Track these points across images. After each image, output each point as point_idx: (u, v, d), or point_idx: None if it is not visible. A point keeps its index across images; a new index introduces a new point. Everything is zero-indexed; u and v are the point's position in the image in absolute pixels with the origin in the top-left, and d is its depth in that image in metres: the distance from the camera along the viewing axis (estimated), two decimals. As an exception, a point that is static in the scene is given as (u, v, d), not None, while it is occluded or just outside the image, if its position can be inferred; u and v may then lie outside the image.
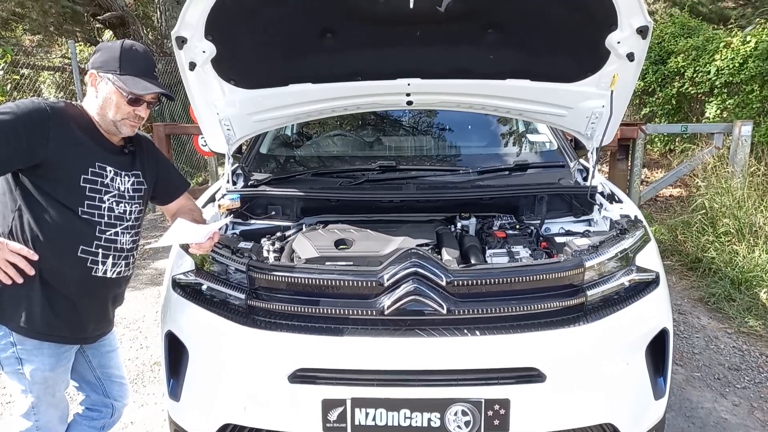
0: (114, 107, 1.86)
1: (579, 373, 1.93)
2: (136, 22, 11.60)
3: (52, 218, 1.79)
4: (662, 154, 8.83)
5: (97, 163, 1.86)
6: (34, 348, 1.84)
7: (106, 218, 1.89)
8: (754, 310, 4.05)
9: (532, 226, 2.61)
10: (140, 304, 4.49)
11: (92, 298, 1.95)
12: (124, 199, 1.95)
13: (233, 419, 2.01)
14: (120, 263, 1.97)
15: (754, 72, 6.55)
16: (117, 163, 1.94)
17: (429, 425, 1.88)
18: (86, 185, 1.83)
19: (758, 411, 2.96)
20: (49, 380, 1.90)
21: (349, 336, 1.94)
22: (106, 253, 1.90)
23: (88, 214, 1.84)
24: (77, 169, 1.82)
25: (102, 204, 1.87)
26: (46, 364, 1.87)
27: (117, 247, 1.93)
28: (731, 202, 5.13)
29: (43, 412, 1.92)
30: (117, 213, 1.92)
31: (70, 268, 1.85)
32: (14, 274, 1.75)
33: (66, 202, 1.80)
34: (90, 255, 1.87)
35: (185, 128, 7.76)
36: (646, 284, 2.13)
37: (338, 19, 2.29)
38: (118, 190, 1.92)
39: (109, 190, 1.89)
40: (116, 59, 1.84)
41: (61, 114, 1.81)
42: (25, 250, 1.76)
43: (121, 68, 1.84)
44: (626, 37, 2.19)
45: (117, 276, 1.97)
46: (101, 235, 1.88)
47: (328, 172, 3.06)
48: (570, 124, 2.76)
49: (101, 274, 1.91)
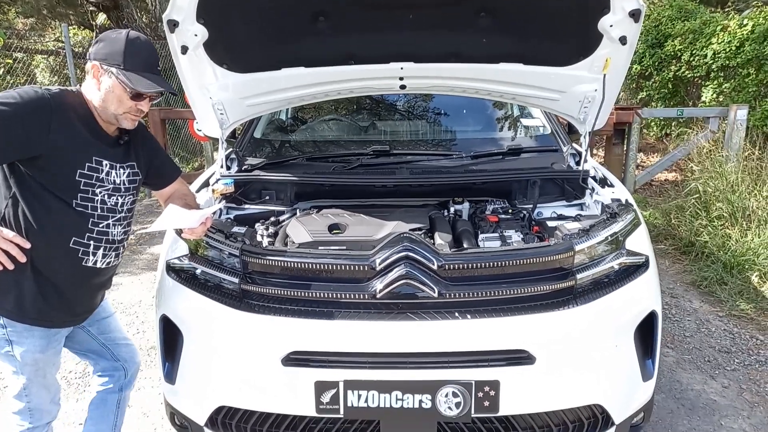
0: (116, 101, 1.83)
1: (568, 355, 1.96)
2: (130, 4, 11.49)
3: (46, 208, 1.79)
4: (658, 139, 8.84)
5: (94, 158, 1.86)
6: (25, 330, 1.86)
7: (99, 210, 1.89)
8: (745, 293, 4.08)
9: (524, 211, 2.63)
10: (136, 289, 4.51)
11: (82, 286, 1.97)
12: (118, 192, 1.95)
13: (228, 402, 2.04)
14: (110, 254, 1.98)
15: (750, 56, 6.54)
16: (113, 155, 1.93)
17: (420, 407, 1.91)
18: (81, 179, 1.83)
19: (747, 393, 3.00)
20: (40, 362, 1.92)
21: (342, 319, 1.97)
22: (97, 245, 1.91)
23: (82, 206, 1.84)
24: (74, 163, 1.81)
25: (95, 197, 1.87)
26: (37, 345, 1.89)
27: (108, 239, 1.94)
28: (725, 186, 5.15)
29: (34, 393, 1.94)
30: (109, 205, 1.92)
31: (62, 258, 1.86)
32: (6, 261, 1.75)
33: (60, 194, 1.80)
34: (81, 246, 1.87)
35: (180, 113, 7.72)
36: (636, 267, 2.15)
37: (331, 3, 2.28)
38: (113, 183, 1.92)
39: (103, 184, 1.89)
40: (120, 53, 1.80)
41: (63, 105, 1.79)
42: (18, 238, 1.76)
43: (125, 62, 1.80)
44: (619, 20, 2.19)
45: (106, 266, 1.98)
46: (93, 227, 1.89)
47: (321, 157, 3.07)
48: (563, 108, 2.76)
49: (91, 264, 1.92)
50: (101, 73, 1.82)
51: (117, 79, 1.80)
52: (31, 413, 1.95)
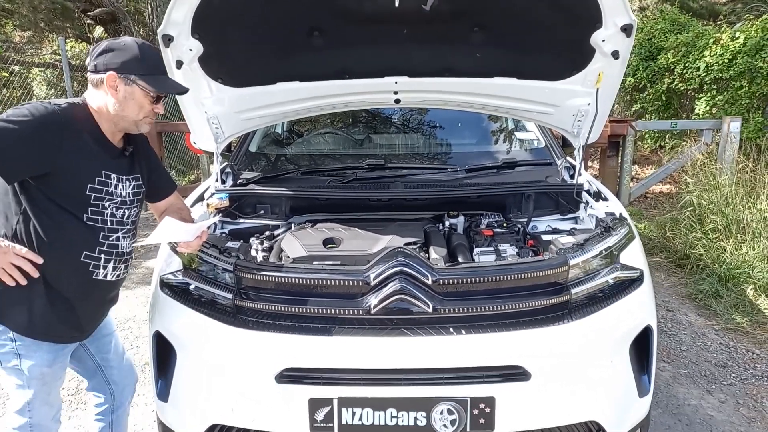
0: (137, 107, 1.85)
1: (564, 371, 1.95)
2: (127, 18, 11.52)
3: (56, 223, 1.80)
4: (653, 151, 8.87)
5: (103, 171, 1.87)
6: (33, 344, 1.86)
7: (109, 224, 1.90)
8: (741, 306, 4.08)
9: (519, 224, 2.63)
10: (131, 304, 4.48)
11: (91, 300, 1.97)
12: (125, 205, 1.96)
13: (221, 420, 2.02)
14: (120, 266, 1.99)
15: (742, 68, 6.59)
16: (119, 168, 1.94)
17: (415, 424, 1.89)
18: (91, 194, 1.84)
19: (744, 408, 2.99)
20: (47, 376, 1.91)
21: (336, 335, 1.95)
22: (108, 258, 1.92)
23: (92, 220, 1.86)
24: (84, 178, 1.82)
25: (105, 210, 1.88)
26: (45, 360, 1.88)
27: (118, 252, 1.95)
28: (719, 199, 5.16)
29: (37, 409, 1.92)
30: (118, 218, 1.93)
31: (73, 272, 1.86)
32: (19, 277, 1.76)
33: (71, 209, 1.81)
34: (92, 260, 1.88)
35: (177, 126, 7.73)
36: (631, 282, 2.15)
37: (325, 18, 2.30)
38: (120, 196, 1.93)
39: (112, 198, 1.90)
40: (137, 59, 1.82)
41: (72, 120, 1.80)
42: (30, 254, 1.77)
43: (142, 68, 1.83)
44: (611, 35, 2.21)
45: (116, 278, 1.99)
46: (104, 241, 1.89)
47: (317, 171, 3.07)
48: (557, 122, 2.77)
49: (102, 278, 1.92)
50: (119, 82, 1.82)
51: (137, 85, 1.82)
52: (31, 429, 1.93)
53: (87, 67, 1.87)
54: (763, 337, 3.72)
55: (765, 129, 6.60)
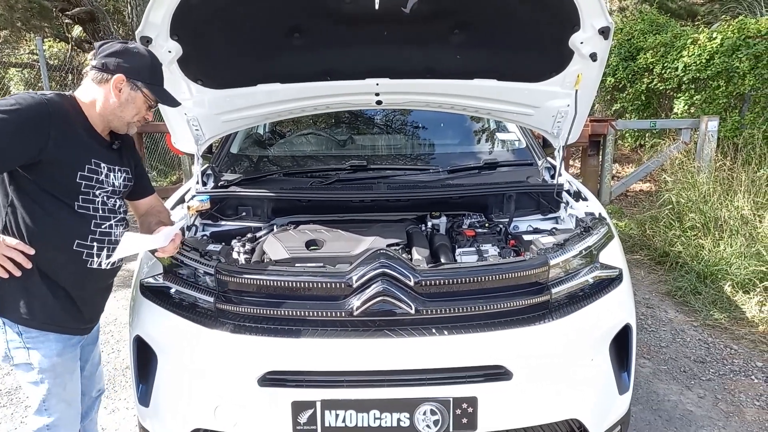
0: (135, 110, 1.94)
1: (545, 370, 1.97)
2: (106, 17, 11.38)
3: (47, 213, 1.81)
4: (633, 149, 8.98)
5: (93, 160, 1.88)
6: (40, 335, 1.86)
7: (100, 212, 1.91)
8: (719, 303, 4.15)
9: (500, 225, 2.64)
10: (112, 307, 4.42)
11: (87, 289, 1.97)
12: (116, 194, 1.98)
13: (203, 424, 2.01)
14: (112, 255, 1.97)
15: (720, 68, 6.69)
16: (109, 158, 1.96)
17: (398, 425, 1.90)
18: (82, 182, 1.85)
19: (722, 402, 3.04)
20: (58, 367, 1.90)
21: (319, 338, 1.95)
22: (100, 246, 1.92)
23: (83, 208, 1.87)
24: (74, 165, 1.83)
25: (96, 198, 1.90)
26: (53, 349, 1.88)
27: (111, 240, 1.95)
28: (697, 197, 5.24)
29: (54, 407, 1.90)
30: (110, 206, 1.95)
31: (66, 262, 1.87)
32: (12, 268, 1.77)
33: (62, 197, 1.83)
34: (85, 248, 1.88)
35: (158, 126, 7.62)
36: (610, 281, 2.17)
37: (305, 19, 2.29)
38: (112, 186, 1.95)
39: (102, 186, 1.91)
40: (147, 69, 1.94)
41: (60, 109, 1.82)
42: (21, 245, 1.77)
43: (151, 78, 1.95)
44: (589, 37, 2.23)
45: (111, 267, 1.99)
46: (96, 229, 1.90)
47: (299, 172, 3.06)
48: (537, 122, 2.80)
49: (96, 266, 1.92)
50: (125, 85, 1.89)
51: (142, 92, 1.92)
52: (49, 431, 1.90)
53: (89, 61, 1.91)
54: (740, 333, 3.79)
55: (742, 128, 6.72)
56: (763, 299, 4.04)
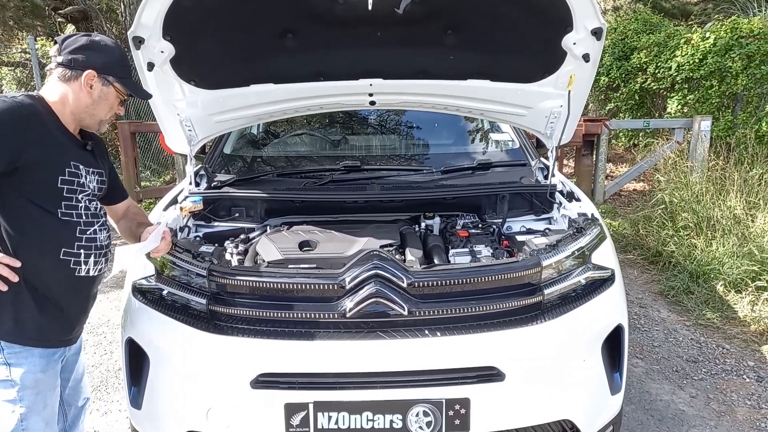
0: (108, 107, 1.89)
1: (537, 371, 1.97)
2: (99, 16, 11.33)
3: (31, 222, 1.74)
4: (627, 149, 9.02)
5: (72, 162, 1.81)
6: (23, 350, 1.77)
7: (84, 217, 1.85)
8: (711, 302, 4.17)
9: (494, 225, 2.65)
10: (104, 308, 4.41)
11: (77, 297, 1.91)
12: (95, 198, 1.92)
13: (195, 426, 2.00)
14: (101, 260, 1.93)
15: (713, 68, 6.73)
16: (86, 160, 1.89)
17: (391, 427, 1.90)
18: (63, 186, 1.78)
19: (714, 402, 3.06)
20: (41, 384, 1.81)
21: (311, 340, 1.95)
22: (87, 253, 1.86)
23: (67, 215, 1.80)
24: (54, 170, 1.77)
25: (79, 203, 1.83)
26: (37, 365, 1.79)
27: (97, 245, 1.89)
28: (690, 197, 5.27)
29: (33, 426, 1.78)
30: (93, 211, 1.89)
31: (54, 272, 1.80)
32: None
33: (44, 205, 1.76)
34: (72, 256, 1.82)
35: (151, 126, 7.62)
36: (602, 281, 2.18)
37: (298, 20, 2.29)
38: (90, 188, 1.88)
39: (84, 190, 1.85)
40: (118, 63, 1.88)
41: (34, 111, 1.75)
42: (6, 258, 1.70)
43: (122, 71, 1.88)
44: (581, 38, 2.24)
45: (98, 273, 1.94)
46: (82, 235, 1.84)
47: (292, 173, 3.06)
48: (530, 123, 2.80)
49: (84, 274, 1.86)
50: (96, 81, 1.83)
51: (114, 87, 1.86)
52: None
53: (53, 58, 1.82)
54: (732, 332, 3.81)
55: (735, 128, 6.76)
56: (755, 299, 4.06)
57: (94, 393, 3.24)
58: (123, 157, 7.34)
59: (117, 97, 1.89)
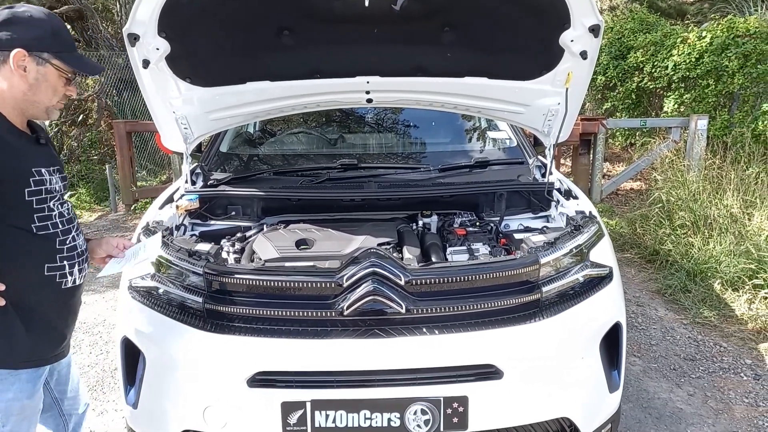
0: (51, 91, 1.63)
1: (535, 369, 1.96)
2: (95, 15, 11.28)
3: (6, 245, 1.58)
4: (623, 148, 9.02)
5: (34, 169, 1.62)
6: (9, 375, 1.64)
7: (61, 226, 1.69)
8: (708, 301, 4.17)
9: (491, 223, 2.64)
10: (100, 308, 4.39)
11: (66, 309, 1.80)
12: (63, 198, 1.74)
13: (192, 425, 1.99)
14: (84, 267, 1.81)
15: (709, 67, 6.73)
16: (44, 159, 1.68)
17: (389, 425, 1.89)
18: (32, 198, 1.61)
19: (712, 400, 3.05)
20: (27, 409, 1.70)
21: (309, 338, 1.94)
22: (71, 263, 1.73)
23: (43, 228, 1.64)
24: (19, 183, 1.58)
25: (52, 212, 1.67)
26: (24, 391, 1.67)
27: (79, 252, 1.77)
28: (687, 195, 5.27)
29: None
30: (67, 216, 1.73)
31: (41, 290, 1.67)
32: None
33: (16, 223, 1.59)
34: (57, 270, 1.69)
35: (147, 125, 7.59)
36: (600, 279, 2.17)
37: (295, 17, 2.28)
38: (57, 190, 1.70)
39: (52, 194, 1.67)
40: (51, 34, 1.60)
41: None
42: None
43: (56, 45, 1.60)
44: (579, 35, 2.23)
45: (83, 280, 1.83)
46: (62, 246, 1.70)
47: (289, 171, 3.05)
48: (527, 121, 2.79)
49: (71, 285, 1.75)
50: (29, 61, 1.57)
51: (51, 65, 1.60)
52: None
53: None
54: (729, 331, 3.81)
55: (731, 126, 6.76)
56: (752, 297, 4.07)
57: (90, 393, 3.22)
58: (119, 157, 7.33)
59: (60, 77, 1.63)
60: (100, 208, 8.03)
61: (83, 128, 9.86)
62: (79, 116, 9.73)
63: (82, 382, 2.11)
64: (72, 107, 9.53)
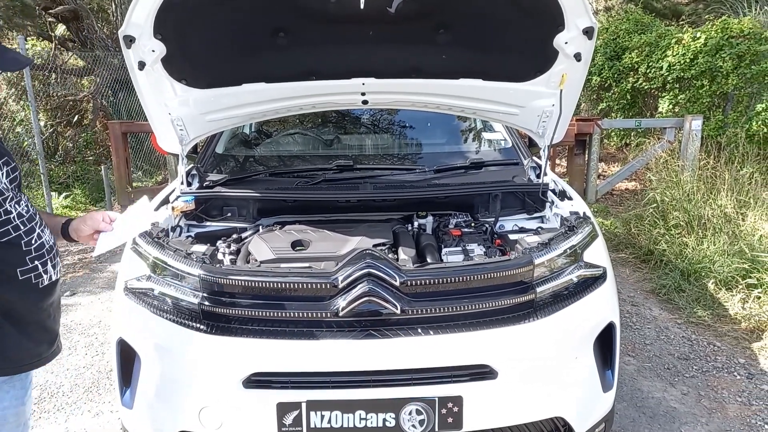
0: None
1: (530, 369, 1.98)
2: (90, 16, 11.27)
3: None
4: (618, 149, 9.06)
5: None
6: (5, 383, 1.61)
7: (22, 226, 1.60)
8: (702, 300, 4.19)
9: (486, 224, 2.65)
10: (96, 309, 4.38)
11: (51, 306, 1.77)
12: (16, 193, 1.63)
13: (188, 426, 1.99)
14: (56, 260, 1.75)
15: (704, 68, 6.77)
16: None
17: (384, 425, 1.90)
18: None
19: (705, 399, 3.07)
20: (20, 416, 1.67)
21: (304, 339, 1.94)
22: (43, 261, 1.67)
23: (5, 234, 1.55)
24: None
25: (9, 214, 1.56)
26: (17, 397, 1.65)
27: (48, 249, 1.69)
28: (681, 196, 5.30)
29: None
30: (26, 214, 1.63)
31: (20, 294, 1.62)
32: None
33: None
34: (30, 272, 1.63)
35: (142, 126, 7.58)
36: (594, 279, 2.18)
37: (290, 18, 2.28)
38: (6, 186, 1.58)
39: (3, 193, 1.55)
40: None
41: None
42: None
43: None
44: (573, 37, 2.24)
45: (59, 275, 1.79)
46: (29, 247, 1.62)
47: (285, 172, 3.05)
48: (522, 122, 2.81)
49: (48, 282, 1.69)
50: None
51: None
52: None
53: None
54: (723, 330, 3.83)
55: (725, 127, 6.80)
56: (745, 296, 4.09)
57: (85, 394, 3.22)
58: (114, 158, 7.31)
59: None
60: (95, 209, 8.01)
61: (78, 129, 9.86)
62: (74, 117, 9.71)
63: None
64: (67, 107, 9.52)
